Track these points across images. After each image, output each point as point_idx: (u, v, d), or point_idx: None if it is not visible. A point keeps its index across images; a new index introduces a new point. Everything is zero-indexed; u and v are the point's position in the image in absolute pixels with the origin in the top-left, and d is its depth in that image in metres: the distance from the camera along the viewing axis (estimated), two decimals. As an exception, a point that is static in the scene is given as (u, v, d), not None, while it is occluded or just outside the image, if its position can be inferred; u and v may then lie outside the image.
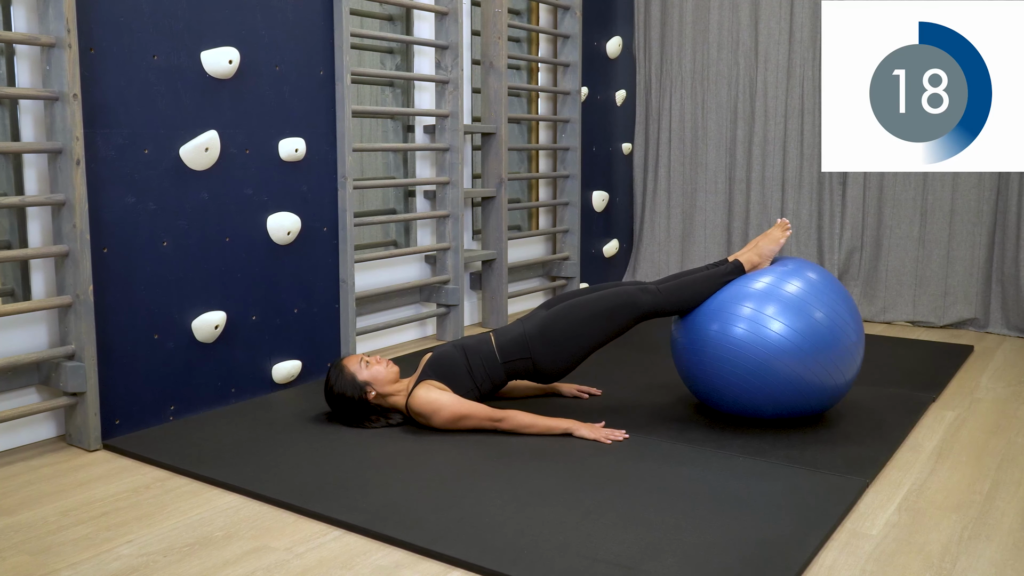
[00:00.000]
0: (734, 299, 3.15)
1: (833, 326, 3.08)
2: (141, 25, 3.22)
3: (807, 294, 3.10)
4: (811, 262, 3.34)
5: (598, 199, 5.97)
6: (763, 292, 3.12)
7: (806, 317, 3.06)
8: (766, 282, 3.15)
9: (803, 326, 3.05)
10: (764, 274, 3.20)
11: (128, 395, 3.26)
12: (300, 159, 3.82)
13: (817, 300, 3.09)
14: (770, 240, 3.27)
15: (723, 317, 3.13)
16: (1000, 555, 2.32)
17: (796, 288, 3.11)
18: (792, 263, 3.25)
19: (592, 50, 5.84)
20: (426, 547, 2.33)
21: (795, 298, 3.09)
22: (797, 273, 3.18)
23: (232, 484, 2.77)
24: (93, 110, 3.09)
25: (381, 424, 3.25)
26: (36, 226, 3.13)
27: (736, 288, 3.18)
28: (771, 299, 3.10)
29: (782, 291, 3.11)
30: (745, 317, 3.09)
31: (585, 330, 3.24)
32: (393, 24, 4.68)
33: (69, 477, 2.88)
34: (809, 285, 3.13)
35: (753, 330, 3.07)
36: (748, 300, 3.12)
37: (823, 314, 3.07)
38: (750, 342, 3.06)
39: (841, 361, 3.11)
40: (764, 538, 2.35)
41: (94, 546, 2.39)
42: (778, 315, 3.06)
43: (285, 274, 3.82)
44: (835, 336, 3.08)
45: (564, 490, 2.67)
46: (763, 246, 3.26)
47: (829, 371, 3.08)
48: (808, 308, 3.07)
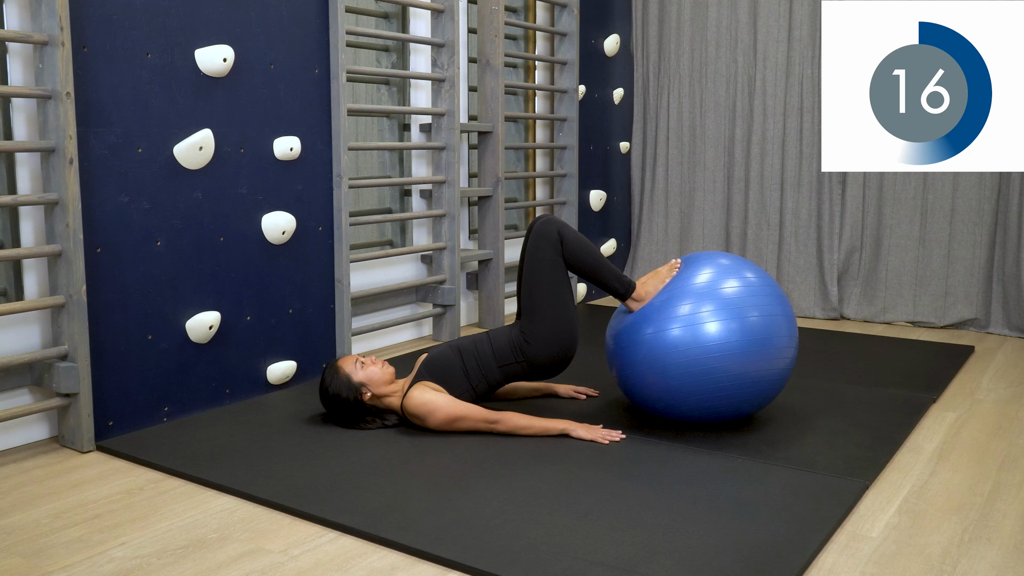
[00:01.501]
0: (669, 302, 3.13)
1: (767, 326, 3.06)
2: (134, 23, 3.20)
3: (743, 294, 3.09)
4: (747, 260, 3.31)
5: (595, 198, 5.96)
6: (701, 291, 3.11)
7: (742, 319, 3.04)
8: (704, 280, 3.14)
9: (739, 326, 3.03)
10: (694, 275, 3.17)
11: (121, 396, 3.25)
12: (295, 158, 3.81)
13: (752, 301, 3.08)
14: (658, 279, 3.24)
15: (659, 320, 3.11)
16: (1001, 558, 2.31)
17: (734, 289, 3.10)
18: (728, 259, 3.25)
19: (589, 48, 5.83)
20: (422, 549, 2.32)
21: (732, 299, 3.07)
22: (734, 272, 3.17)
23: (226, 486, 2.76)
24: (86, 108, 3.08)
25: (376, 425, 3.25)
26: (29, 225, 3.12)
27: (671, 291, 3.16)
28: (709, 299, 3.08)
29: (719, 291, 3.09)
30: (682, 316, 3.07)
31: (553, 304, 3.24)
32: (389, 22, 4.67)
33: (62, 479, 2.87)
34: (747, 285, 3.12)
35: (690, 331, 3.04)
36: (686, 299, 3.10)
37: (758, 315, 3.06)
38: (686, 342, 3.04)
39: (774, 356, 3.09)
40: (763, 540, 2.34)
41: (87, 548, 2.38)
42: (714, 315, 3.04)
43: (280, 274, 3.80)
44: (768, 336, 3.06)
45: (561, 492, 2.66)
46: (651, 284, 3.24)
47: (763, 365, 3.07)
48: (744, 309, 3.06)
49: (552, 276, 3.25)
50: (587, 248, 3.27)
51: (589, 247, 3.28)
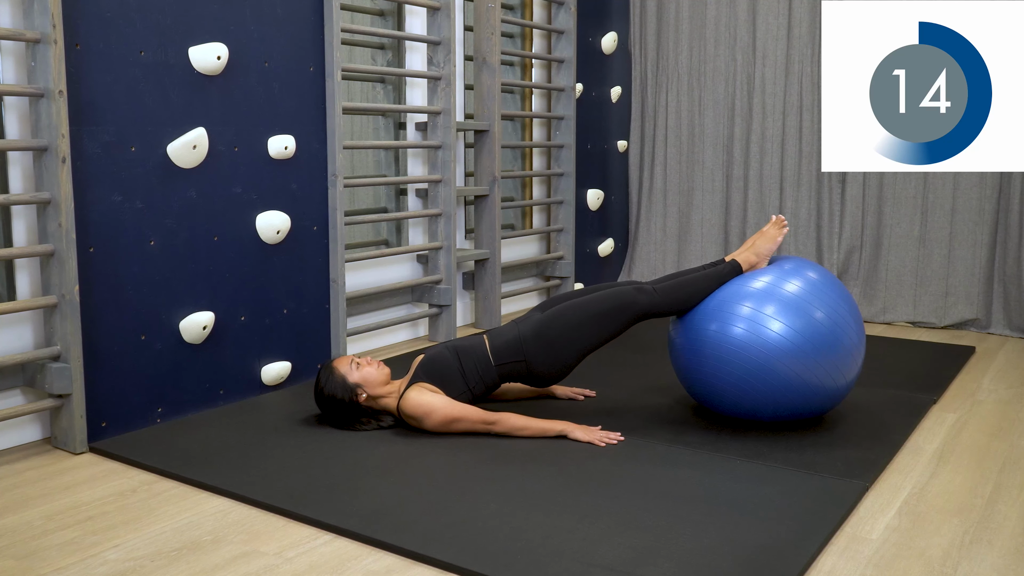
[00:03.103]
0: (733, 298, 3.12)
1: (834, 327, 3.05)
2: (128, 20, 3.19)
3: (807, 293, 3.07)
4: (810, 261, 3.31)
5: (593, 197, 5.94)
6: (762, 291, 3.10)
7: (806, 317, 3.03)
8: (765, 281, 3.13)
9: (803, 326, 3.02)
10: (763, 273, 3.17)
11: (115, 397, 3.23)
12: (290, 157, 3.79)
13: (817, 300, 3.07)
14: (767, 239, 3.24)
15: (722, 317, 3.11)
16: (1002, 560, 2.30)
17: (796, 287, 3.08)
18: (791, 262, 3.23)
19: (587, 46, 5.81)
20: (418, 552, 2.31)
21: (795, 298, 3.06)
22: (797, 272, 3.15)
23: (221, 487, 2.75)
24: (79, 107, 3.07)
25: (372, 427, 3.23)
26: (21, 225, 3.10)
27: (735, 287, 3.15)
28: (770, 298, 3.07)
29: (781, 290, 3.08)
30: (744, 317, 3.06)
31: (581, 332, 3.21)
32: (384, 19, 4.65)
33: (54, 481, 2.86)
34: (809, 284, 3.11)
35: (752, 330, 3.04)
36: (747, 299, 3.09)
37: (823, 314, 3.04)
38: (749, 342, 3.03)
39: (841, 362, 3.08)
40: (762, 542, 2.33)
41: (80, 551, 2.37)
42: (777, 315, 3.03)
43: (274, 274, 3.79)
44: (836, 337, 3.05)
45: (558, 494, 2.65)
46: (760, 245, 3.23)
47: (829, 372, 3.06)
48: (808, 308, 3.04)
49: (597, 324, 3.20)
50: (678, 296, 3.20)
51: (679, 292, 3.20)
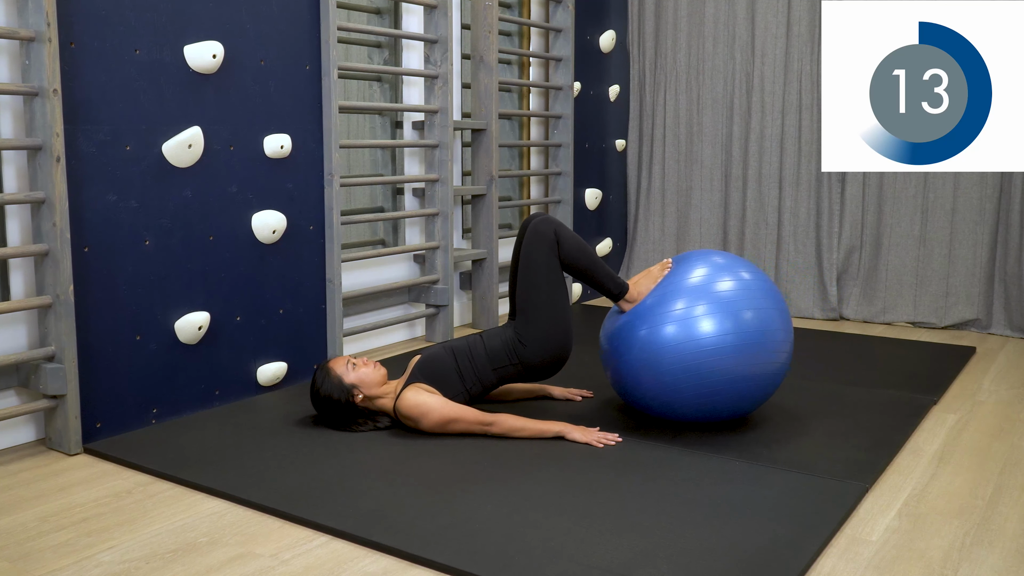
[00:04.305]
0: (661, 301, 3.12)
1: (761, 324, 3.06)
2: (122, 19, 3.18)
3: (737, 295, 3.08)
4: (742, 258, 3.32)
5: (591, 197, 5.93)
6: (696, 289, 3.10)
7: (737, 317, 3.03)
8: (699, 277, 3.13)
9: (733, 326, 3.02)
10: (689, 272, 3.17)
11: (109, 398, 3.22)
12: (286, 156, 3.77)
13: (747, 301, 3.07)
14: (651, 279, 3.24)
15: (652, 319, 3.10)
16: (1003, 562, 2.30)
17: (728, 287, 3.09)
18: (723, 257, 3.24)
19: (585, 44, 5.80)
20: (415, 553, 2.30)
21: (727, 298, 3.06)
22: (729, 270, 3.16)
23: (216, 489, 2.74)
24: (74, 106, 3.05)
25: (368, 427, 3.22)
26: (15, 224, 3.09)
27: (663, 288, 3.16)
28: (703, 297, 3.07)
29: (714, 290, 3.09)
30: (677, 315, 3.06)
31: (552, 301, 3.22)
32: (381, 17, 4.64)
33: (49, 482, 2.85)
34: (742, 285, 3.11)
35: (684, 329, 3.04)
36: (680, 298, 3.09)
37: (752, 314, 3.05)
38: (681, 340, 3.03)
39: (768, 353, 3.08)
40: (761, 544, 2.33)
41: (74, 552, 2.37)
42: (708, 314, 3.03)
43: (270, 274, 3.77)
44: (762, 332, 3.05)
45: (556, 495, 2.64)
46: (643, 283, 3.24)
47: (758, 361, 3.06)
48: (739, 308, 3.05)
49: (548, 276, 3.22)
50: (583, 248, 3.25)
51: (585, 247, 3.26)
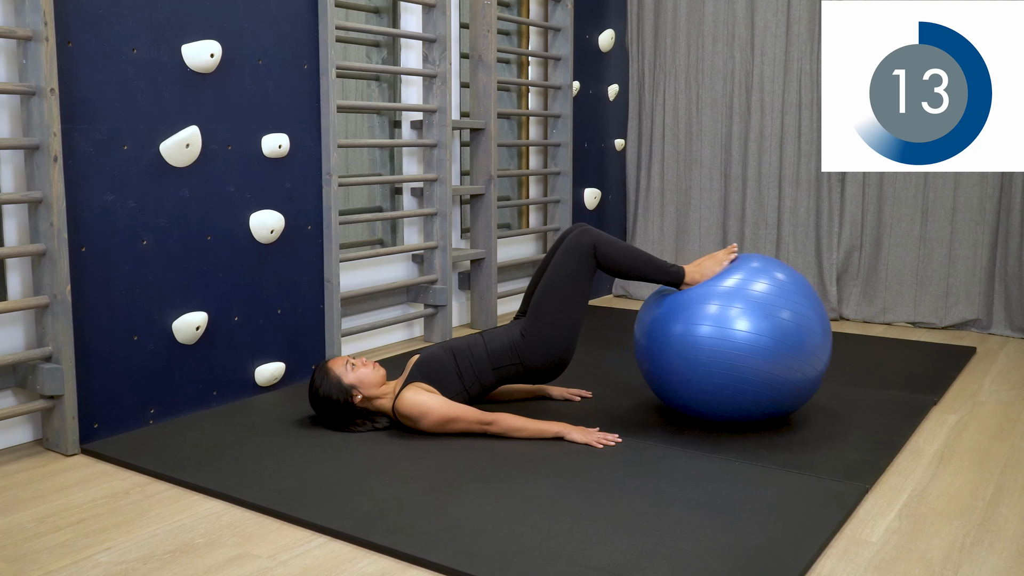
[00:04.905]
0: (699, 299, 3.11)
1: (800, 327, 3.03)
2: (120, 18, 3.17)
3: (773, 295, 3.06)
4: (776, 260, 3.30)
5: (590, 196, 5.92)
6: (730, 291, 3.08)
7: (773, 318, 3.01)
8: (736, 280, 3.11)
9: (770, 327, 3.00)
10: (729, 274, 3.15)
11: (107, 398, 3.21)
12: (284, 155, 3.77)
13: (783, 300, 3.05)
14: (715, 262, 3.23)
15: (688, 318, 3.09)
16: (1003, 563, 2.29)
17: (764, 288, 3.07)
18: (757, 260, 3.22)
19: (584, 43, 5.79)
20: (413, 554, 2.30)
21: (762, 297, 3.04)
22: (764, 272, 3.14)
23: (214, 490, 2.74)
24: (71, 105, 3.04)
25: (367, 428, 3.21)
26: (12, 224, 3.08)
27: (701, 289, 3.14)
28: (737, 298, 3.05)
29: (748, 291, 3.07)
30: (711, 316, 3.05)
31: (565, 311, 3.22)
32: (379, 16, 4.63)
33: (46, 483, 2.85)
34: (777, 285, 3.09)
35: (719, 334, 3.02)
36: (714, 299, 3.07)
37: (790, 314, 3.03)
38: (717, 343, 3.02)
39: (808, 357, 3.06)
40: (761, 545, 2.32)
41: (72, 553, 2.36)
42: (744, 315, 3.01)
43: (268, 274, 3.76)
44: (801, 335, 3.03)
45: (555, 495, 2.63)
46: (707, 266, 3.23)
47: (796, 367, 3.04)
48: (775, 309, 3.03)
49: (569, 287, 3.22)
50: (623, 251, 3.24)
51: (625, 251, 3.24)
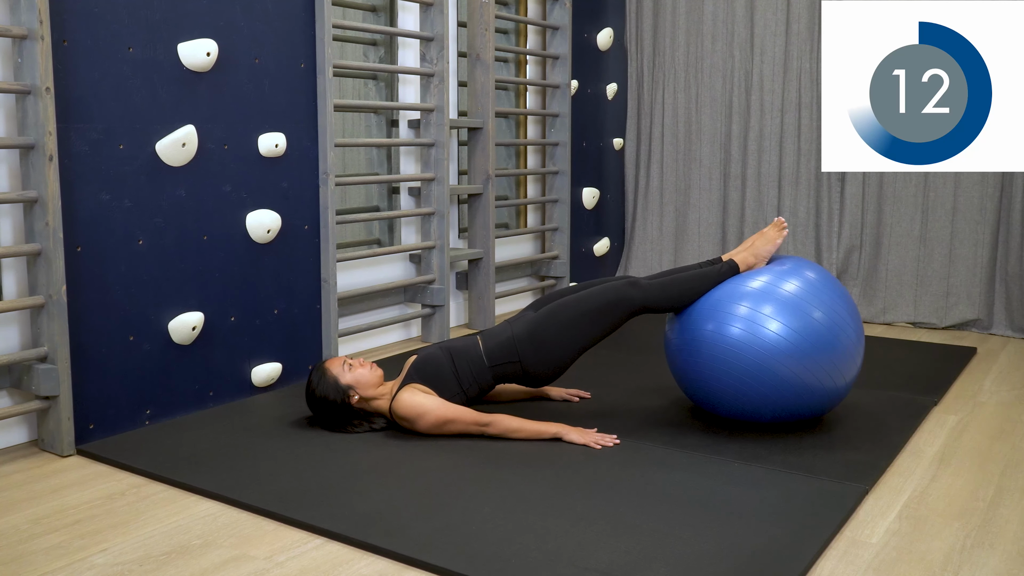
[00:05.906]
0: (730, 298, 3.09)
1: (832, 326, 3.01)
2: (116, 16, 3.16)
3: (805, 293, 3.04)
4: (810, 261, 3.28)
5: (588, 196, 5.91)
6: (760, 291, 3.06)
7: (804, 317, 2.99)
8: (763, 281, 3.09)
9: (801, 326, 2.98)
10: (761, 273, 3.13)
11: (102, 399, 3.20)
12: (280, 155, 3.75)
13: (815, 300, 3.03)
14: (766, 240, 3.21)
15: (719, 317, 3.07)
16: (1004, 564, 2.28)
17: (794, 287, 3.05)
18: (790, 262, 3.20)
19: (582, 42, 5.78)
20: (410, 556, 2.29)
21: (793, 297, 3.02)
22: (795, 272, 3.12)
23: (210, 491, 2.73)
24: (66, 104, 3.03)
25: (364, 429, 3.20)
26: (7, 224, 3.07)
27: (731, 287, 3.12)
28: (768, 298, 3.03)
29: (779, 290, 3.04)
30: (741, 316, 3.03)
31: (575, 331, 3.18)
32: (376, 15, 4.62)
33: (41, 484, 2.84)
34: (807, 284, 3.07)
35: (750, 330, 3.00)
36: (744, 299, 3.05)
37: (822, 314, 3.01)
38: (747, 342, 3.00)
39: (841, 362, 3.05)
40: (760, 546, 2.31)
41: (67, 555, 2.36)
42: (775, 315, 2.99)
43: (265, 274, 3.75)
44: (834, 336, 3.02)
45: (553, 497, 2.63)
46: (759, 246, 3.21)
47: (828, 373, 3.02)
48: (806, 308, 3.00)
49: (594, 320, 3.16)
50: (674, 290, 3.16)
51: (674, 287, 3.17)
